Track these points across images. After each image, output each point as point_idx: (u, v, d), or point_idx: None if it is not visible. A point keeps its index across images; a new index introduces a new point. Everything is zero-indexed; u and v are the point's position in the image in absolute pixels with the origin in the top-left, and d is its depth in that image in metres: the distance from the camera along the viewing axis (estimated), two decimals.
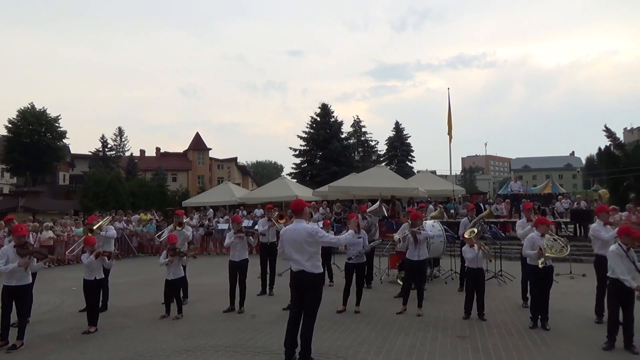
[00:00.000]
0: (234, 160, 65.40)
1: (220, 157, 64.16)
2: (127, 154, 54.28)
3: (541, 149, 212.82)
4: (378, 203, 14.40)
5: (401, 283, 10.27)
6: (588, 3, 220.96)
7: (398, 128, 51.54)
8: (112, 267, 7.96)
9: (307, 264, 5.55)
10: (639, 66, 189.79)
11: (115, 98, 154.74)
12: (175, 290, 8.24)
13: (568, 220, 17.68)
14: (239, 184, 45.13)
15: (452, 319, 7.59)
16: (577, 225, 17.56)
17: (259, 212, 20.85)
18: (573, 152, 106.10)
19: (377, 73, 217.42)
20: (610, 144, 42.24)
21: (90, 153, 50.17)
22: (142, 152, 61.96)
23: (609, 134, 42.27)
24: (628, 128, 66.97)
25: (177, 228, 9.16)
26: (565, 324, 7.22)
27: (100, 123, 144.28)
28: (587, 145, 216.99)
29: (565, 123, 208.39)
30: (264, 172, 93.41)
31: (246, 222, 17.57)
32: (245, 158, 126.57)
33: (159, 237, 11.48)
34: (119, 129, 54.75)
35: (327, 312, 7.98)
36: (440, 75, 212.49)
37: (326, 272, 10.96)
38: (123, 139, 54.41)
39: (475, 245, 7.66)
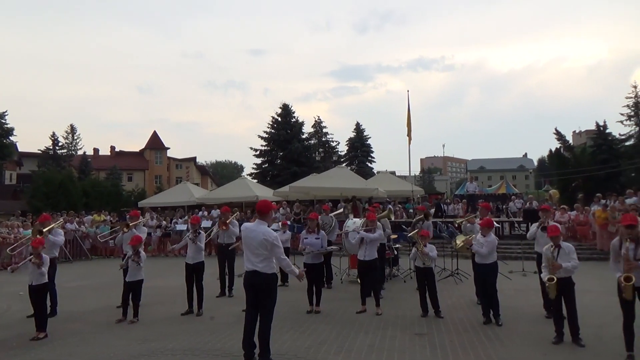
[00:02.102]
0: (192, 159, 64.25)
1: (179, 157, 63.00)
2: (80, 152, 52.29)
3: (496, 150, 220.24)
4: (342, 209, 14.53)
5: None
6: (540, 12, 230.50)
7: (359, 129, 52.04)
8: (44, 274, 7.19)
9: (260, 265, 5.52)
10: (586, 72, 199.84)
11: (68, 95, 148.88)
12: (133, 293, 7.95)
13: (520, 219, 18.33)
14: (197, 184, 44.32)
15: (411, 317, 7.71)
16: (529, 224, 18.21)
17: (216, 212, 20.55)
18: (526, 153, 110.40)
19: (339, 74, 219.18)
20: (560, 146, 44.19)
21: (39, 151, 47.91)
22: (96, 150, 59.80)
23: (559, 136, 44.23)
24: (577, 131, 70.25)
25: (125, 230, 8.85)
26: (518, 319, 7.46)
27: (51, 121, 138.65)
28: (539, 147, 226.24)
29: (518, 126, 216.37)
30: (224, 172, 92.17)
31: (205, 223, 17.30)
32: (205, 158, 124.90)
33: (114, 240, 11.08)
34: (71, 126, 52.60)
35: (287, 313, 7.96)
36: (401, 78, 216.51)
37: (281, 272, 11.00)
38: (75, 137, 52.33)
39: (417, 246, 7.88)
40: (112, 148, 62.00)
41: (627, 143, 40.17)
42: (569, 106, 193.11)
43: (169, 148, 61.08)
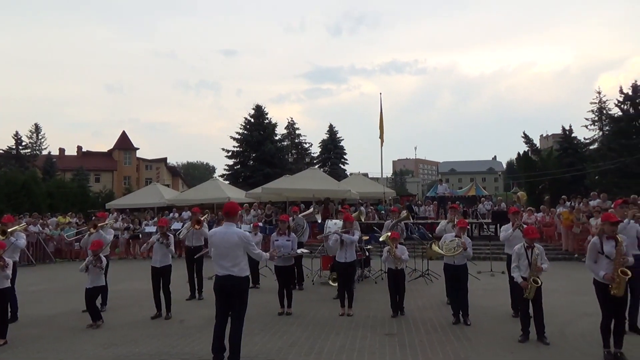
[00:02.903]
0: (163, 160, 63.16)
1: (149, 157, 61.87)
2: (45, 152, 50.76)
3: (466, 153, 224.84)
4: (312, 208, 14.50)
5: (333, 284, 10.39)
6: (510, 18, 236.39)
7: (332, 131, 52.21)
8: (9, 278, 7.02)
9: (234, 269, 5.46)
10: (554, 78, 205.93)
11: (32, 93, 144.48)
12: (95, 299, 7.70)
13: (489, 221, 18.68)
14: (168, 185, 43.59)
15: (381, 318, 7.75)
16: (498, 225, 18.59)
17: (186, 214, 20.25)
18: (495, 156, 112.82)
19: (312, 76, 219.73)
20: (528, 150, 45.38)
21: (1, 151, 46.27)
22: (62, 150, 58.14)
23: (527, 140, 45.45)
24: (544, 135, 72.37)
25: (92, 230, 8.61)
26: (486, 319, 7.59)
27: (14, 119, 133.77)
28: (508, 150, 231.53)
29: (488, 129, 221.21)
30: (196, 173, 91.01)
31: (176, 225, 16.99)
32: (176, 159, 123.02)
33: (80, 242, 10.75)
34: (36, 125, 51.12)
35: (257, 315, 7.89)
36: (374, 80, 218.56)
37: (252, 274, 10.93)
38: (40, 137, 50.87)
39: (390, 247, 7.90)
40: (79, 148, 60.42)
41: (592, 147, 41.59)
42: (536, 110, 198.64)
43: (138, 148, 60.09)
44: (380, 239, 8.59)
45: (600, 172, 36.92)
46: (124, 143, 58.89)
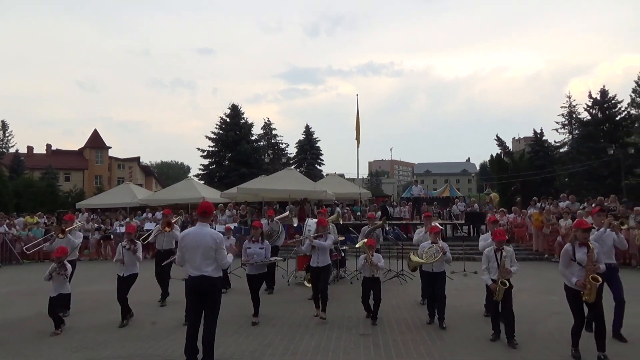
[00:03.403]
0: (136, 159, 62.04)
1: (121, 157, 60.73)
2: (12, 150, 49.25)
3: (441, 155, 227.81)
4: (287, 212, 14.44)
5: (308, 285, 10.36)
6: (485, 23, 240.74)
7: (308, 131, 52.21)
8: None
9: (208, 269, 5.39)
10: (526, 82, 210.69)
11: (0, 90, 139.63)
12: (59, 307, 7.42)
13: (463, 222, 18.97)
14: (141, 185, 42.85)
15: (356, 318, 7.77)
16: (471, 226, 18.92)
17: (159, 214, 19.92)
18: (469, 158, 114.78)
19: (289, 76, 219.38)
20: (500, 152, 46.35)
21: None
22: (30, 149, 56.52)
23: (500, 142, 46.45)
24: (516, 138, 74.03)
25: (60, 236, 8.28)
26: (459, 318, 7.68)
27: None
28: (482, 152, 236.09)
29: (462, 131, 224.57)
30: (170, 172, 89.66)
31: (148, 225, 16.71)
32: (149, 158, 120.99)
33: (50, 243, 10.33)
34: (2, 122, 49.59)
35: (232, 316, 7.81)
36: (351, 81, 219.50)
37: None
38: (7, 134, 49.39)
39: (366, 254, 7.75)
40: (49, 146, 58.81)
41: (562, 150, 42.75)
42: (509, 114, 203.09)
43: (110, 147, 58.98)
44: (357, 246, 8.50)
45: (570, 174, 38.01)
46: (96, 141, 57.64)
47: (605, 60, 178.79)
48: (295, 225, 13.77)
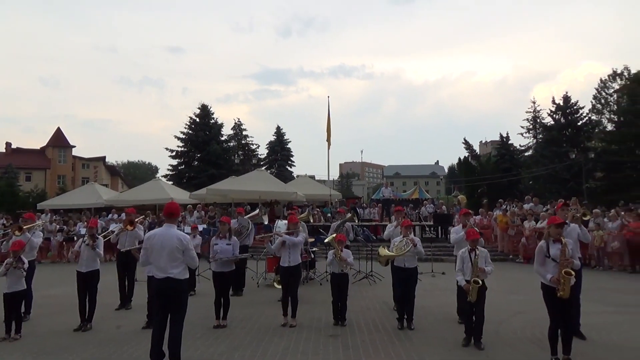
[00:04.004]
0: (101, 159, 60.47)
1: (86, 156, 58.99)
2: None
3: (411, 157, 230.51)
4: (257, 210, 14.34)
5: (278, 286, 10.29)
6: (454, 28, 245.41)
7: (279, 132, 52.07)
8: None
9: (174, 271, 5.29)
10: (493, 87, 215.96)
11: None
12: (15, 306, 7.06)
13: (431, 223, 19.25)
14: (107, 185, 41.85)
15: (325, 320, 7.75)
16: (439, 227, 19.23)
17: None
18: (437, 161, 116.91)
19: (261, 76, 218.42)
20: (468, 155, 47.28)
21: None
22: None
23: (467, 146, 47.33)
24: (483, 141, 75.73)
25: (17, 234, 7.95)
26: (428, 319, 7.78)
27: None
28: (450, 155, 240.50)
29: (431, 134, 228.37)
30: (137, 173, 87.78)
31: (114, 226, 16.25)
32: (116, 157, 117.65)
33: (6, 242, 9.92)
34: None
35: (199, 319, 7.69)
36: (322, 83, 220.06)
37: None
38: None
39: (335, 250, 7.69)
40: (8, 145, 56.54)
41: (526, 154, 43.93)
42: (477, 118, 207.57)
43: (74, 146, 57.27)
44: (326, 241, 8.39)
45: (534, 177, 39.06)
46: (59, 140, 55.87)
47: (568, 67, 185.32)
48: (265, 223, 13.64)
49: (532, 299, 9.03)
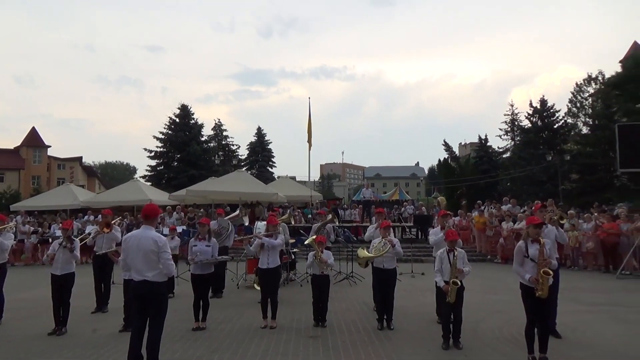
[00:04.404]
0: (78, 159, 59.20)
1: (62, 156, 57.74)
2: None
3: (391, 159, 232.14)
4: (238, 211, 14.25)
5: (258, 288, 10.23)
6: (434, 31, 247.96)
7: (260, 133, 51.93)
8: None
9: (150, 274, 5.21)
10: (472, 89, 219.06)
11: None
12: None
13: (411, 224, 19.41)
14: (83, 186, 41.04)
15: (306, 321, 7.75)
16: (419, 228, 19.38)
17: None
18: (418, 162, 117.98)
19: (241, 77, 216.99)
20: (447, 157, 47.83)
21: None
22: None
23: (447, 147, 47.87)
24: (462, 143, 76.63)
25: None
26: (407, 319, 7.84)
27: None
28: (430, 156, 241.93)
29: (411, 136, 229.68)
30: (114, 173, 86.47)
31: (90, 228, 15.95)
32: (92, 158, 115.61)
33: None
34: None
35: (178, 321, 7.60)
36: (303, 84, 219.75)
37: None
38: None
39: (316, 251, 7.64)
40: None
41: (504, 155, 44.67)
42: (456, 120, 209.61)
43: (50, 146, 55.93)
44: (306, 242, 8.36)
45: (511, 179, 39.72)
46: (34, 140, 54.60)
47: (545, 71, 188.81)
48: (246, 224, 13.55)
49: (509, 299, 9.18)
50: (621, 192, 29.28)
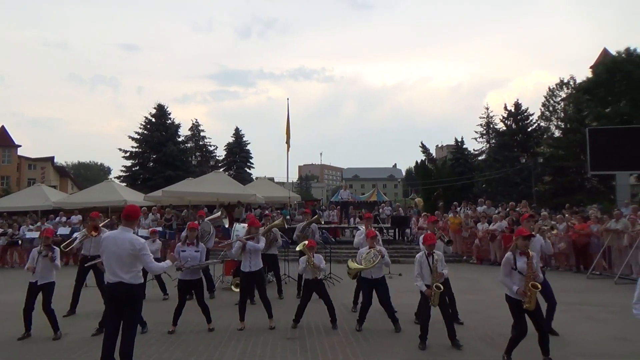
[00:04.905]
0: (49, 159, 57.80)
1: (33, 156, 56.36)
2: None
3: (369, 160, 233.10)
4: (219, 212, 14.06)
5: (235, 290, 10.14)
6: (411, 34, 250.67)
7: (238, 134, 51.62)
8: None
9: (126, 276, 5.09)
10: (449, 92, 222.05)
11: None
12: None
13: (389, 225, 19.51)
14: (55, 187, 40.00)
15: (284, 322, 7.70)
16: (397, 229, 19.52)
17: (75, 218, 18.70)
18: (395, 164, 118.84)
19: (219, 77, 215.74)
20: (425, 159, 48.39)
21: None
22: None
23: (424, 149, 48.45)
24: (439, 145, 77.54)
25: None
26: (384, 320, 7.80)
27: None
28: (407, 158, 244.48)
29: (389, 138, 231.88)
30: (88, 174, 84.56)
31: (62, 230, 15.58)
32: (65, 158, 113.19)
33: None
34: None
35: (153, 324, 7.48)
36: (282, 85, 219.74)
37: (159, 284, 10.27)
38: None
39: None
40: None
41: (480, 158, 45.42)
42: (433, 122, 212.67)
43: (20, 146, 54.65)
44: (297, 248, 8.31)
45: (487, 180, 40.41)
46: (3, 139, 53.14)
47: (519, 76, 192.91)
48: (226, 226, 13.35)
49: (484, 299, 9.33)
50: (591, 194, 30.12)
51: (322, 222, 12.15)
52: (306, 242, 8.06)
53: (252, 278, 7.57)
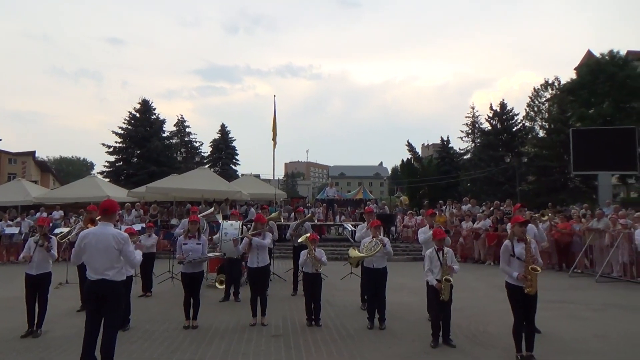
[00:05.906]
0: (30, 154, 56.71)
1: (13, 150, 55.24)
2: None
3: (355, 158, 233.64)
4: (212, 208, 13.92)
5: (220, 287, 10.05)
6: (398, 33, 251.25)
7: (224, 130, 51.24)
8: None
9: (109, 272, 4.99)
10: (435, 92, 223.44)
11: None
12: None
13: None
14: (36, 182, 39.31)
15: (268, 319, 7.63)
16: (382, 227, 19.54)
17: (57, 214, 18.42)
18: (381, 162, 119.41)
19: (206, 73, 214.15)
20: (410, 157, 48.65)
21: None
22: None
23: (410, 148, 48.71)
24: (425, 144, 78.16)
25: None
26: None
27: None
28: (393, 157, 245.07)
29: (375, 136, 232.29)
30: (70, 169, 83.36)
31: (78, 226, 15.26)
32: (47, 153, 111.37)
33: None
34: None
35: (135, 322, 7.38)
36: (269, 82, 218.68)
37: (143, 282, 10.14)
38: None
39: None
40: None
41: (465, 157, 45.81)
42: (419, 121, 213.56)
43: (0, 140, 53.44)
44: (299, 241, 8.31)
45: (472, 179, 40.77)
46: None
47: (504, 76, 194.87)
48: (219, 222, 13.20)
49: (470, 296, 9.38)
50: (574, 194, 30.56)
51: (316, 221, 12.08)
52: (308, 234, 8.06)
53: (259, 274, 7.56)
